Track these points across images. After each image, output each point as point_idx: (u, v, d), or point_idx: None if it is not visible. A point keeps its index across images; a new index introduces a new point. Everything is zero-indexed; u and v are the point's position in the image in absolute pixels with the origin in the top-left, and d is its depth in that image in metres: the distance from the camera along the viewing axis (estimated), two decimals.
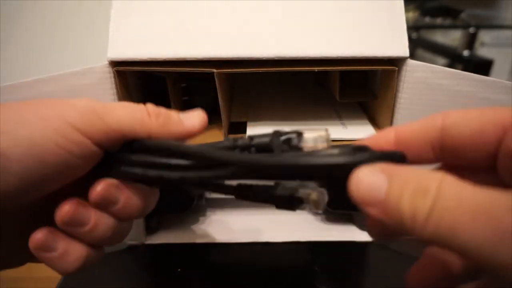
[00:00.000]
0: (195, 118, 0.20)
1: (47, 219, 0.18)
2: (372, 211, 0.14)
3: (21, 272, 0.19)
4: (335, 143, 0.19)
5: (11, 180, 0.15)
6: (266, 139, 0.17)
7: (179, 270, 0.31)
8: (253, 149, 0.17)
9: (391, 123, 0.30)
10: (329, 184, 0.17)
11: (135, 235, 0.34)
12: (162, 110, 0.19)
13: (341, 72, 0.34)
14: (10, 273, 0.19)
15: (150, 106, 0.19)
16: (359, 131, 0.32)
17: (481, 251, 0.12)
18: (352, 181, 0.14)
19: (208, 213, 0.39)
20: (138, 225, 0.34)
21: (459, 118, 0.16)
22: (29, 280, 0.33)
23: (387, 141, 0.18)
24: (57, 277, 0.32)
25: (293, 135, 0.17)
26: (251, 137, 0.17)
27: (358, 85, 0.37)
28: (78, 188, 0.18)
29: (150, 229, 0.36)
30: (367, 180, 0.14)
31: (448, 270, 0.17)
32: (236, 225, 0.37)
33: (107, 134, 0.17)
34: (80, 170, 0.17)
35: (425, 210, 0.12)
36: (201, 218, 0.38)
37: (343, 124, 0.34)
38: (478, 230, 0.12)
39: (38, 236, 0.18)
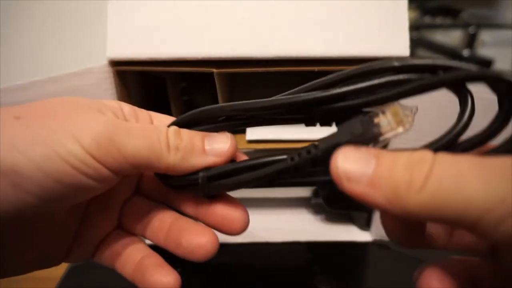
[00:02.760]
0: (221, 145, 0.18)
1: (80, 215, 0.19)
2: (355, 188, 0.13)
3: None
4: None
5: (26, 197, 0.15)
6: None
7: (179, 270, 0.31)
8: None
9: None
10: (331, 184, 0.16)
11: None
12: (184, 141, 0.18)
13: None
14: None
15: (171, 135, 0.17)
16: None
17: (490, 203, 0.11)
18: (336, 157, 0.14)
19: None
20: None
21: None
22: (29, 280, 0.33)
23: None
24: (57, 277, 0.32)
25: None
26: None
27: None
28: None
29: None
30: (353, 155, 0.14)
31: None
32: None
33: (121, 165, 0.16)
34: (99, 190, 0.17)
35: (422, 174, 0.12)
36: None
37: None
38: (486, 177, 0.11)
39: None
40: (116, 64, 0.29)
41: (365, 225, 0.36)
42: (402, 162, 0.13)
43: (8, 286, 0.33)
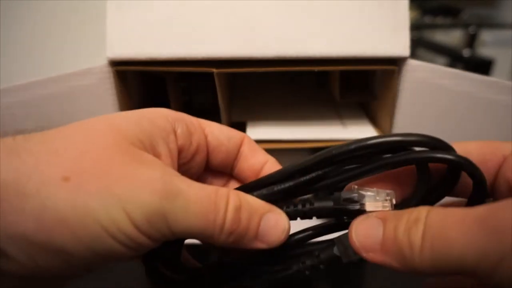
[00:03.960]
0: (274, 235, 0.17)
1: None
2: (373, 256, 0.15)
3: None
4: (335, 143, 0.19)
5: (71, 269, 0.15)
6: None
7: None
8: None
9: (391, 123, 0.30)
10: None
11: None
12: (242, 224, 0.16)
13: (341, 72, 0.34)
14: None
15: (230, 217, 0.16)
16: (359, 131, 0.32)
17: (478, 258, 0.12)
18: (350, 230, 0.15)
19: None
20: None
21: (458, 150, 0.16)
22: None
23: None
24: None
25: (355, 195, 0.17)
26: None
27: (358, 85, 0.37)
28: None
29: None
30: (363, 225, 0.15)
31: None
32: None
33: (167, 238, 0.15)
34: (127, 258, 0.16)
35: (418, 236, 0.13)
36: None
37: (343, 124, 0.34)
38: (470, 235, 0.12)
39: None
40: (116, 64, 0.29)
41: None
42: (403, 224, 0.14)
43: None
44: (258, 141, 0.31)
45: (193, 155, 0.19)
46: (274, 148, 0.31)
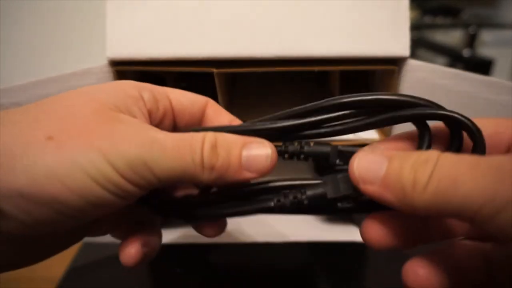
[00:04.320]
0: (259, 163, 0.17)
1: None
2: (370, 189, 0.15)
3: (21, 272, 0.19)
4: (335, 143, 0.19)
5: (66, 220, 0.15)
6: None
7: (179, 270, 0.31)
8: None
9: None
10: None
11: None
12: (220, 158, 0.17)
13: (341, 72, 0.34)
14: (10, 273, 0.19)
15: (207, 153, 0.16)
16: None
17: (483, 201, 0.12)
18: (352, 161, 0.15)
19: None
20: None
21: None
22: (29, 280, 0.33)
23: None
24: (57, 277, 0.32)
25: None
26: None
27: (358, 85, 0.37)
28: None
29: None
30: (368, 159, 0.15)
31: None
32: (235, 225, 0.37)
33: (152, 184, 0.16)
34: (120, 206, 0.17)
35: (425, 174, 0.13)
36: None
37: None
38: (480, 179, 0.12)
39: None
40: (116, 64, 0.29)
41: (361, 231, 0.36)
42: (410, 163, 0.14)
43: (8, 286, 0.33)
44: None
45: (161, 119, 0.20)
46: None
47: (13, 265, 0.18)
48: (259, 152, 0.17)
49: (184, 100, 0.21)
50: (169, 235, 0.36)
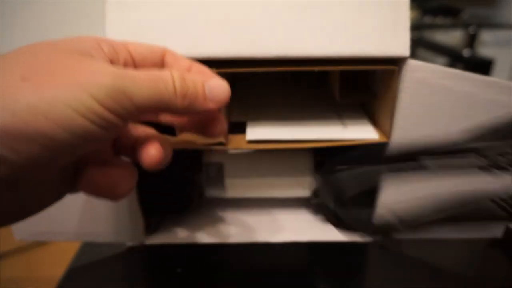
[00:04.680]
0: (219, 93, 0.21)
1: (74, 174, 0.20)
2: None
3: (21, 272, 0.19)
4: (335, 143, 0.19)
5: (33, 148, 0.15)
6: None
7: (179, 270, 0.31)
8: None
9: (391, 123, 0.30)
10: None
11: (135, 236, 0.34)
12: (190, 89, 0.20)
13: (341, 72, 0.34)
14: (10, 273, 0.19)
15: (178, 83, 0.19)
16: (359, 131, 0.32)
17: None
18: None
19: (207, 213, 0.39)
20: (138, 225, 0.34)
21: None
22: (29, 280, 0.33)
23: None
24: (57, 277, 0.32)
25: None
26: None
27: (358, 85, 0.37)
28: None
29: (150, 229, 0.36)
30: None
31: None
32: (235, 225, 0.37)
33: (132, 114, 0.18)
34: (108, 139, 0.19)
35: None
36: (200, 218, 0.38)
37: (343, 124, 0.34)
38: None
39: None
40: None
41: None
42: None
43: (8, 286, 0.33)
44: (259, 141, 0.31)
45: None
46: (274, 148, 0.31)
47: (12, 214, 0.18)
48: (218, 83, 0.22)
49: (142, 50, 0.22)
50: (169, 235, 0.36)
